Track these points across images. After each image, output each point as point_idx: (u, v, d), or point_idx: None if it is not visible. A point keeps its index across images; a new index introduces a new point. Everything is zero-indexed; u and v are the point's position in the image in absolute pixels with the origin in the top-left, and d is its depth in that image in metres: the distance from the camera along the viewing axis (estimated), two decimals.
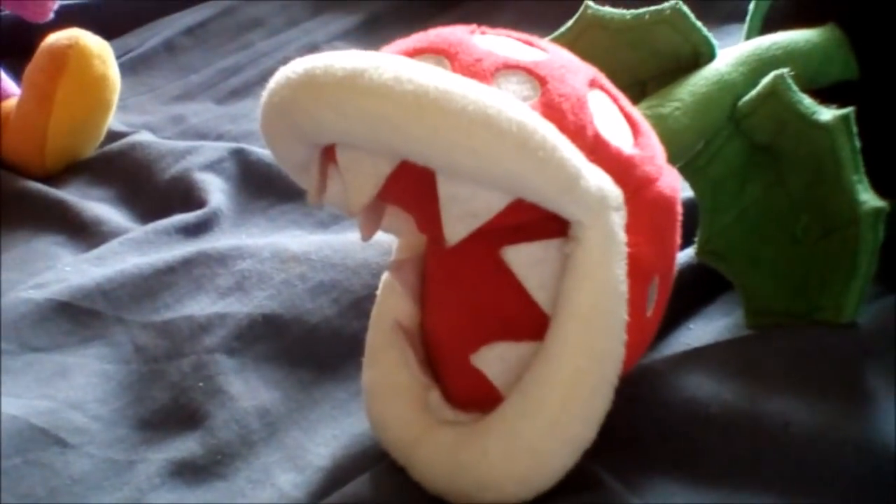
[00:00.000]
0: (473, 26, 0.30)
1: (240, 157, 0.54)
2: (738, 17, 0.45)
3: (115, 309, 0.40)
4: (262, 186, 0.52)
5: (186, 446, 0.34)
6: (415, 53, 0.29)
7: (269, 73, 0.77)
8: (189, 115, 0.66)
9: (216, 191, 0.51)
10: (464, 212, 0.27)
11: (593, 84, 0.30)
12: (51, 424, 0.34)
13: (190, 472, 0.33)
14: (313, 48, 0.72)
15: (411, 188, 0.28)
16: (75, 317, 0.39)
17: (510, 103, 0.26)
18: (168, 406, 0.35)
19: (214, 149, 0.54)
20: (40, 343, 0.38)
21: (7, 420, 0.34)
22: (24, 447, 0.33)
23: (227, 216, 0.49)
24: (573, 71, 0.29)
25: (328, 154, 0.29)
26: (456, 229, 0.27)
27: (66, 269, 0.42)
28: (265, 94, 0.28)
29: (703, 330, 0.35)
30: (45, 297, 0.39)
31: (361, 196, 0.27)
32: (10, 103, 0.60)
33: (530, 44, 0.30)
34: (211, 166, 0.53)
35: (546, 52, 0.30)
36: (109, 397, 0.36)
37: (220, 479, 0.32)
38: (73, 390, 0.36)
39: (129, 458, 0.33)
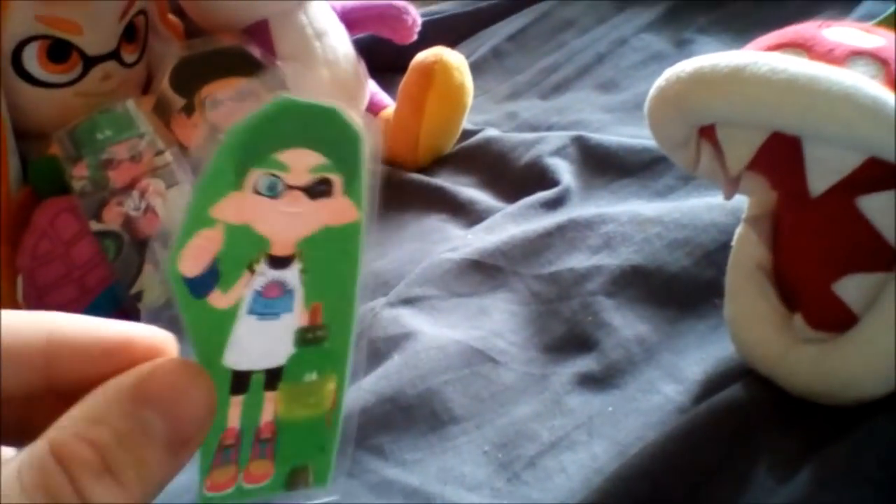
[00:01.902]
0: (820, 21, 0.37)
1: (580, 143, 0.63)
2: None
3: (512, 264, 0.51)
4: (602, 166, 0.61)
5: (585, 363, 0.44)
6: (777, 48, 0.36)
7: (585, 68, 0.86)
8: (520, 112, 0.77)
9: (564, 172, 0.61)
10: (827, 169, 0.34)
11: None
12: (484, 346, 0.46)
13: (591, 382, 0.43)
14: (622, 42, 0.81)
15: (779, 153, 0.35)
16: (484, 271, 0.51)
17: (864, 82, 0.33)
18: (565, 335, 0.46)
19: (558, 137, 0.65)
20: (462, 290, 0.51)
21: (453, 343, 0.46)
22: (469, 362, 0.45)
23: (576, 192, 0.59)
24: None
25: (703, 133, 0.37)
26: (819, 184, 0.34)
27: (468, 237, 0.55)
28: (655, 88, 0.37)
29: None
30: (460, 257, 0.52)
31: (739, 163, 0.36)
32: (388, 112, 0.75)
33: (869, 32, 0.37)
34: (557, 152, 0.63)
35: (884, 38, 0.36)
36: (519, 329, 0.47)
37: (615, 388, 0.42)
38: (493, 323, 0.48)
39: (543, 372, 0.44)
